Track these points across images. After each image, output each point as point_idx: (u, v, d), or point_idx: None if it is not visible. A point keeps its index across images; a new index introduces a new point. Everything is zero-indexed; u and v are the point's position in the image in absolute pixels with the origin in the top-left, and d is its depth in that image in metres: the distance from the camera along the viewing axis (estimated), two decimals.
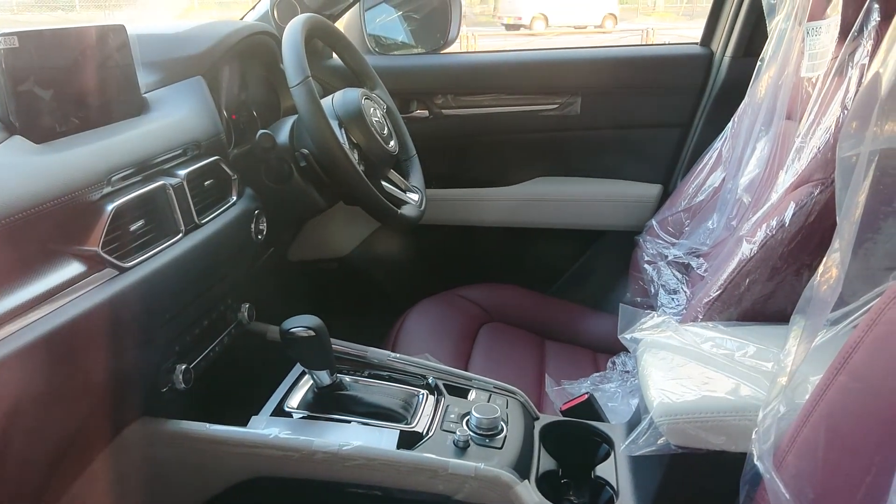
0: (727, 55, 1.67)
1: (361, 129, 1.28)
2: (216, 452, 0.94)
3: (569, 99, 1.74)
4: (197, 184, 1.04)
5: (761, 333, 0.97)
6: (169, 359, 0.96)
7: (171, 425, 0.95)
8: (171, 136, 1.01)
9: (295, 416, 1.01)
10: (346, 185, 1.21)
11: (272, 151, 1.22)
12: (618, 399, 1.22)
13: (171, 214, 0.95)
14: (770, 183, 1.19)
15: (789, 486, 0.68)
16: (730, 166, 1.41)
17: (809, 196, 1.00)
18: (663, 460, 0.88)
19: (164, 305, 0.93)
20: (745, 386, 0.85)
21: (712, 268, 1.27)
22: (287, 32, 1.21)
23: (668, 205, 1.59)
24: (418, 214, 1.39)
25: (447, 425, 1.01)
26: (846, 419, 0.63)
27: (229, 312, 1.14)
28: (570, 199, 1.81)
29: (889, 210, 0.70)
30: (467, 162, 1.83)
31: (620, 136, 1.78)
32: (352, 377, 1.10)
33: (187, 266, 0.96)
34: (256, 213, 1.17)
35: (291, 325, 0.97)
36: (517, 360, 1.46)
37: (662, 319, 1.02)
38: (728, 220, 1.34)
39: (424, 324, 1.53)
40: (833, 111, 1.01)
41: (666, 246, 1.51)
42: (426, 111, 1.78)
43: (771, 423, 0.72)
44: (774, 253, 1.02)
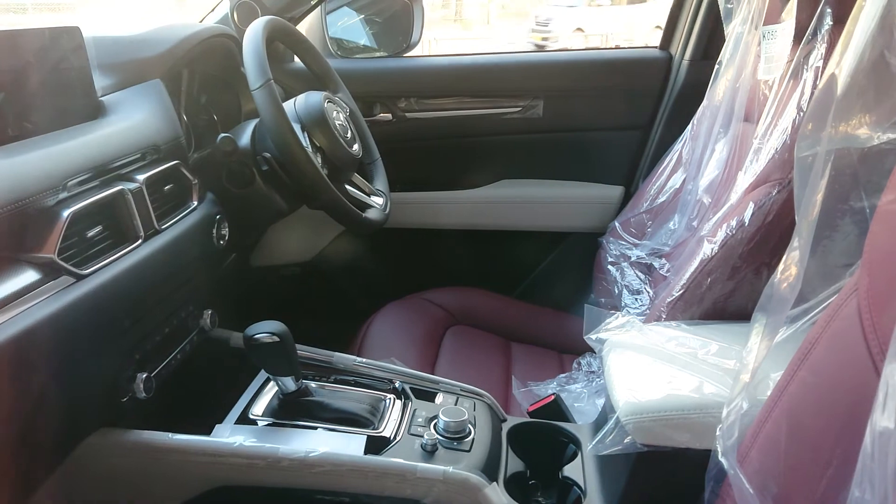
0: (686, 58, 1.70)
1: (324, 132, 1.27)
2: (179, 462, 0.92)
3: (531, 102, 1.75)
4: (156, 188, 1.01)
5: (723, 332, 0.99)
6: (129, 367, 0.93)
7: (131, 435, 0.92)
8: (128, 140, 0.99)
9: (260, 423, 0.99)
10: (309, 189, 1.19)
11: (233, 155, 1.20)
12: (584, 399, 1.23)
13: (129, 220, 0.93)
14: (729, 184, 1.21)
15: (753, 481, 0.69)
16: (690, 168, 1.43)
17: (768, 196, 1.02)
18: (630, 459, 0.88)
19: (124, 313, 0.90)
20: (709, 384, 0.87)
21: (674, 268, 1.29)
22: (248, 35, 1.19)
23: (631, 206, 1.61)
24: (382, 218, 1.38)
25: (415, 429, 1.00)
26: (806, 414, 0.65)
27: (191, 319, 1.12)
28: (534, 201, 1.82)
29: (846, 208, 0.72)
30: (431, 165, 1.83)
31: (583, 139, 1.79)
32: (317, 383, 1.09)
33: (147, 273, 0.94)
34: (218, 218, 1.15)
35: (255, 331, 0.95)
36: (484, 363, 1.46)
37: (627, 319, 1.03)
38: (689, 220, 1.36)
39: (390, 328, 1.52)
40: (789, 113, 1.03)
41: (629, 247, 1.53)
42: (389, 115, 1.77)
43: (734, 420, 0.73)
44: (734, 252, 1.03)
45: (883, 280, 0.56)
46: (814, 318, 0.75)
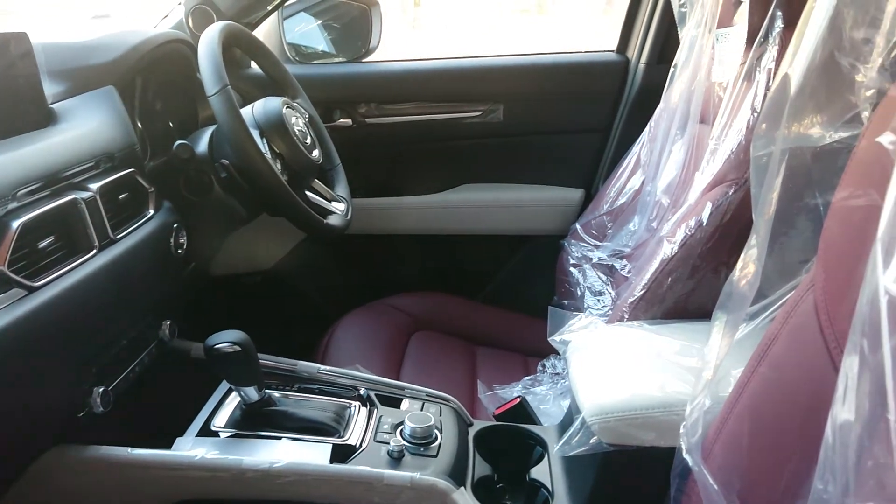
0: (642, 62, 1.72)
1: (283, 138, 1.25)
2: (139, 477, 0.90)
3: (491, 106, 1.76)
4: (111, 197, 0.99)
5: (685, 330, 1.00)
6: (85, 381, 0.91)
7: (89, 451, 0.90)
8: (81, 148, 0.96)
9: (222, 435, 0.97)
10: (269, 196, 1.18)
11: (191, 163, 1.18)
12: (549, 401, 1.24)
13: (83, 230, 0.91)
14: (687, 184, 1.23)
15: (717, 478, 0.69)
16: (648, 169, 1.45)
17: (725, 196, 1.04)
18: (596, 459, 0.89)
19: (79, 326, 0.88)
20: (672, 382, 0.88)
21: (635, 268, 1.30)
22: (203, 40, 1.18)
23: (591, 208, 1.62)
24: (344, 224, 1.37)
25: (381, 436, 0.99)
26: (768, 408, 0.66)
27: (149, 330, 1.09)
28: (496, 205, 1.83)
29: (801, 206, 0.73)
30: (393, 170, 1.82)
31: (543, 143, 1.81)
32: (281, 392, 1.08)
33: (102, 283, 0.91)
34: (175, 226, 1.13)
35: (216, 340, 0.93)
36: (449, 368, 1.45)
37: (590, 320, 1.04)
38: (649, 221, 1.37)
39: (354, 335, 1.51)
40: (744, 114, 1.05)
41: (590, 249, 1.54)
42: (349, 120, 1.76)
43: (698, 417, 0.74)
44: (694, 251, 1.05)
45: (838, 275, 0.57)
46: (772, 314, 0.76)
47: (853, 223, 0.56)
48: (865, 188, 0.53)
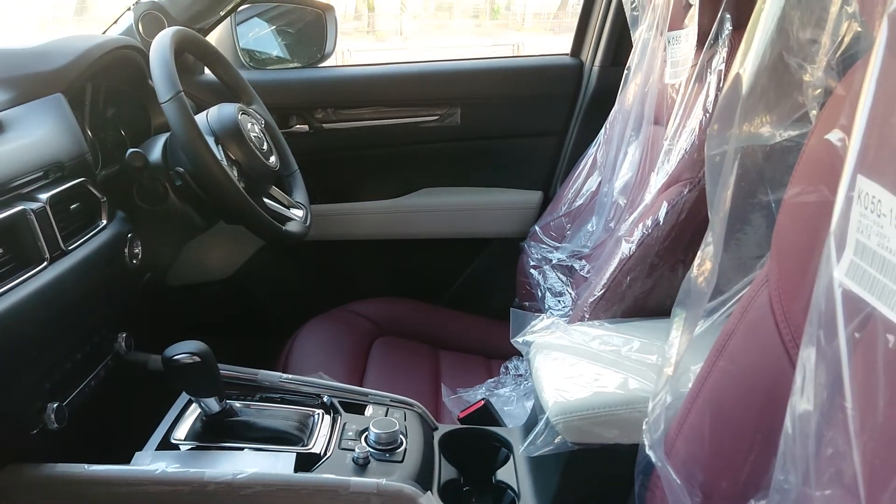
0: (596, 65, 1.74)
1: (239, 144, 1.23)
2: (97, 495, 0.87)
3: (449, 110, 1.76)
4: (62, 208, 0.96)
5: (644, 328, 1.02)
6: (38, 398, 0.88)
7: (44, 470, 0.87)
8: (29, 158, 0.94)
9: (183, 447, 0.95)
10: (226, 203, 1.16)
11: (144, 171, 1.16)
12: (513, 402, 1.24)
13: (33, 242, 0.88)
14: (643, 185, 1.25)
15: (680, 472, 0.70)
16: (605, 171, 1.47)
17: (680, 195, 1.06)
18: (561, 458, 0.90)
19: (30, 341, 0.85)
20: (633, 379, 0.89)
21: (595, 268, 1.32)
22: (155, 46, 1.15)
23: (550, 210, 1.64)
24: (304, 230, 1.36)
25: (345, 443, 0.98)
26: (727, 401, 0.67)
27: (105, 343, 1.06)
28: (455, 208, 1.83)
29: (754, 203, 0.75)
30: (351, 176, 1.81)
31: (500, 146, 1.82)
32: (242, 402, 1.06)
33: (54, 296, 0.89)
34: (130, 236, 1.10)
35: (174, 351, 0.91)
36: (412, 372, 1.45)
37: (552, 321, 1.05)
38: (606, 222, 1.39)
39: (316, 342, 1.49)
40: (696, 114, 1.08)
41: (550, 250, 1.55)
42: (306, 126, 1.74)
43: (660, 413, 0.75)
44: (651, 250, 1.07)
45: (792, 270, 0.59)
46: (729, 309, 0.77)
47: (805, 218, 0.57)
48: (816, 184, 0.54)
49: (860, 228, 0.47)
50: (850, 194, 0.49)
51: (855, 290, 0.46)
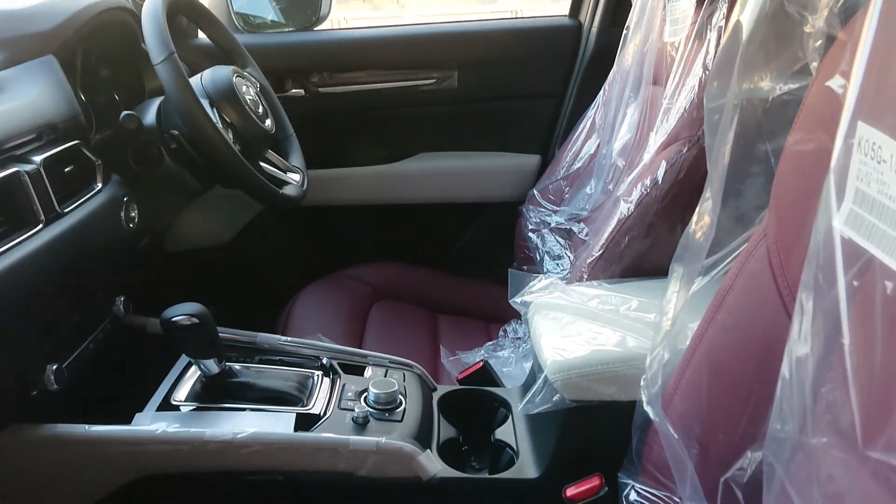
0: (594, 26, 1.72)
1: (234, 107, 1.22)
2: (98, 454, 0.88)
3: (446, 73, 1.74)
4: (56, 170, 0.95)
5: (642, 287, 1.02)
6: (37, 359, 0.88)
7: (45, 430, 0.87)
8: (21, 120, 0.93)
9: (183, 409, 0.96)
10: (222, 166, 1.15)
11: (139, 134, 1.15)
12: (512, 364, 1.25)
13: (28, 204, 0.87)
14: (642, 145, 1.24)
15: (677, 427, 0.71)
16: (603, 133, 1.46)
17: (679, 154, 1.05)
18: (559, 416, 0.90)
19: (26, 302, 0.85)
20: (631, 337, 0.89)
21: (593, 230, 1.32)
22: (147, 7, 1.14)
23: (548, 174, 1.63)
24: (300, 194, 1.35)
25: (345, 404, 0.99)
26: (725, 356, 0.67)
27: (103, 306, 1.06)
28: (453, 173, 1.82)
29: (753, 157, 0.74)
30: (348, 140, 1.80)
31: (498, 109, 1.80)
32: (241, 364, 1.06)
33: (50, 259, 0.88)
34: (126, 200, 1.10)
35: (173, 313, 0.92)
36: (411, 336, 1.45)
37: (550, 281, 1.05)
38: (605, 184, 1.38)
39: (314, 307, 1.50)
40: (696, 72, 1.06)
41: (548, 214, 1.55)
42: (302, 90, 1.73)
43: (657, 369, 0.76)
44: (650, 210, 1.06)
45: (790, 221, 0.59)
46: (727, 265, 0.77)
47: (804, 168, 0.57)
48: (816, 132, 0.54)
49: (860, 176, 0.47)
50: (849, 141, 0.48)
51: (854, 239, 0.46)
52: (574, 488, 0.87)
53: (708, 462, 0.66)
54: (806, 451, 0.46)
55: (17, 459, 0.88)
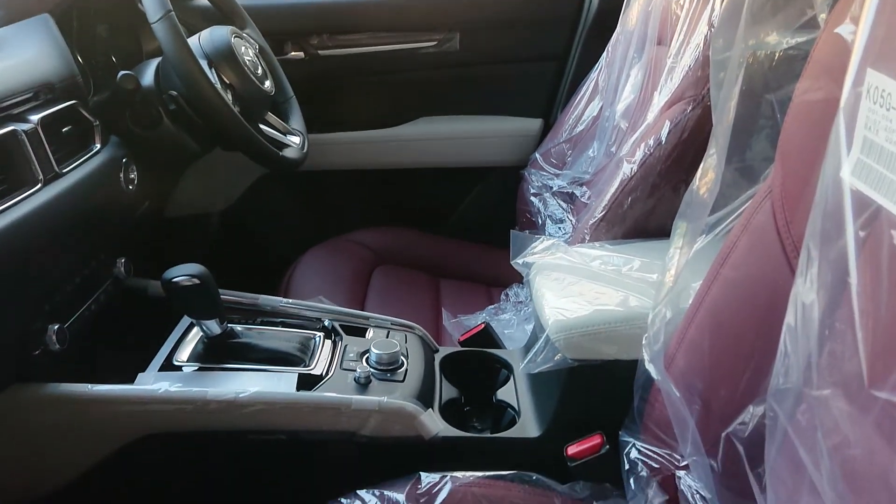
0: None
1: (233, 68, 1.21)
2: (101, 413, 0.89)
3: (447, 35, 1.72)
4: (54, 130, 0.95)
5: (645, 248, 1.01)
6: (38, 319, 0.88)
7: (48, 389, 0.88)
8: (17, 78, 0.92)
9: (185, 369, 0.96)
10: (221, 128, 1.14)
11: (136, 94, 1.13)
12: (513, 326, 1.25)
13: (26, 163, 0.87)
14: (645, 106, 1.22)
15: (679, 384, 0.71)
16: (606, 94, 1.44)
17: (683, 113, 1.04)
18: (560, 376, 0.90)
19: (26, 262, 0.85)
20: (634, 297, 0.89)
21: (595, 193, 1.31)
22: None
23: (550, 137, 1.61)
24: (301, 157, 1.34)
25: (347, 364, 0.99)
26: (728, 311, 0.67)
27: (103, 268, 1.06)
28: (454, 137, 1.81)
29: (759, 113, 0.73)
30: (348, 104, 1.78)
31: (500, 72, 1.78)
32: (243, 326, 1.06)
33: (49, 218, 0.88)
34: (124, 161, 1.09)
35: (173, 274, 0.91)
36: (413, 299, 1.45)
37: (552, 242, 1.04)
38: (608, 147, 1.37)
39: (316, 271, 1.50)
40: (701, 30, 1.05)
41: (550, 177, 1.54)
42: (301, 53, 1.70)
43: (659, 327, 0.75)
44: (653, 170, 1.05)
45: (796, 171, 0.58)
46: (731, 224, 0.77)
47: (812, 118, 0.56)
48: (825, 81, 0.53)
49: (868, 125, 0.46)
50: (857, 89, 0.47)
51: (861, 189, 0.45)
52: (575, 447, 0.87)
53: (709, 418, 0.66)
54: (809, 402, 0.46)
55: (20, 419, 0.88)
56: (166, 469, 0.96)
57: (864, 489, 0.42)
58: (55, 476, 0.92)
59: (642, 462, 0.78)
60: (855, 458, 0.43)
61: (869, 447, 0.42)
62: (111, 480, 0.92)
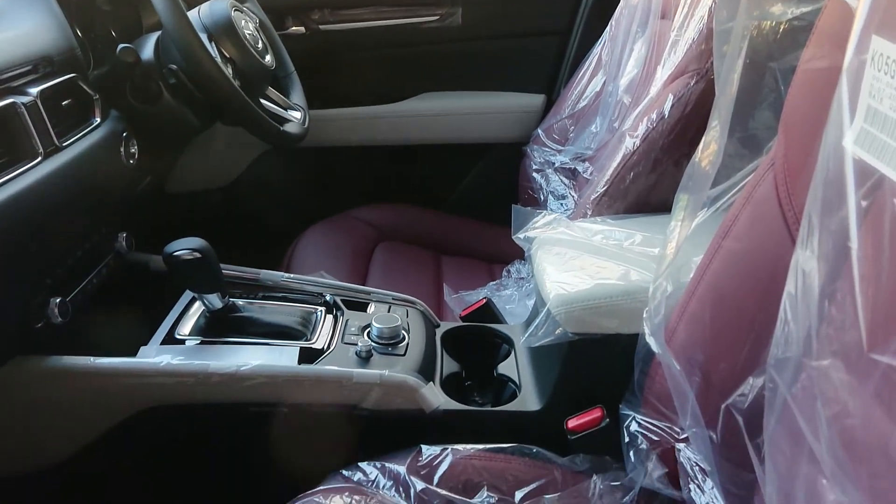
0: None
1: (234, 41, 1.20)
2: (104, 386, 0.89)
3: (449, 10, 1.70)
4: (53, 103, 0.94)
5: (647, 223, 1.01)
6: (40, 292, 0.88)
7: (50, 362, 0.88)
8: (16, 50, 0.91)
9: (188, 343, 0.97)
10: (221, 101, 1.14)
11: (136, 68, 1.13)
12: (515, 302, 1.25)
13: (25, 136, 0.86)
14: (648, 81, 1.21)
15: (679, 357, 0.71)
16: (610, 69, 1.43)
17: (686, 87, 1.03)
18: (561, 350, 0.90)
19: (28, 235, 0.85)
20: (635, 271, 0.89)
21: (597, 168, 1.30)
22: None
23: (553, 113, 1.60)
24: (302, 132, 1.33)
25: (348, 338, 1.00)
26: (729, 284, 0.67)
27: (105, 242, 1.06)
28: (456, 113, 1.79)
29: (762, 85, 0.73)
30: (350, 80, 1.77)
31: (502, 47, 1.76)
32: (245, 300, 1.07)
33: (50, 192, 0.88)
34: (125, 135, 1.08)
35: (174, 248, 0.91)
36: (414, 275, 1.45)
37: (554, 217, 1.04)
38: (610, 122, 1.36)
39: (318, 247, 1.49)
40: (705, 2, 1.04)
41: (552, 153, 1.53)
42: (302, 27, 1.69)
43: (660, 301, 0.75)
44: (656, 145, 1.05)
45: (799, 141, 0.57)
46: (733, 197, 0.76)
47: (816, 88, 0.55)
48: (829, 49, 0.52)
49: (872, 93, 0.46)
50: (861, 57, 0.47)
51: (864, 158, 0.45)
52: (575, 420, 0.88)
53: (709, 390, 0.66)
54: (809, 372, 0.46)
55: (22, 391, 0.89)
56: (168, 441, 0.97)
57: (864, 458, 0.42)
58: (57, 448, 0.93)
59: (642, 435, 0.78)
60: (854, 427, 0.43)
61: (868, 416, 0.42)
62: (113, 453, 0.93)
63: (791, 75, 0.62)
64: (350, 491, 0.81)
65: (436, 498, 0.81)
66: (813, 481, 0.45)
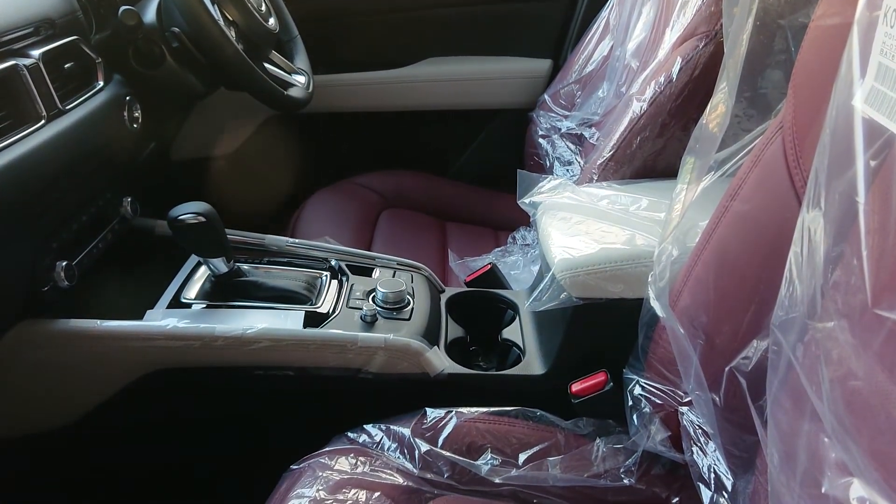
0: None
1: (237, 4, 1.18)
2: (111, 349, 0.90)
3: None
4: (56, 66, 0.94)
5: (653, 188, 1.00)
6: (46, 256, 0.89)
7: (57, 325, 0.89)
8: (17, 12, 0.90)
9: (194, 306, 0.97)
10: (224, 65, 1.13)
11: (138, 31, 1.12)
12: (520, 267, 1.25)
13: (28, 99, 0.86)
14: (657, 45, 1.19)
15: (684, 321, 0.71)
16: (617, 33, 1.41)
17: (695, 50, 1.01)
18: (566, 314, 0.90)
19: (33, 198, 0.85)
20: (641, 236, 0.88)
21: (604, 134, 1.29)
22: None
23: (559, 78, 1.58)
24: (306, 96, 1.32)
25: (353, 303, 1.00)
26: (735, 247, 0.66)
27: (110, 207, 1.06)
28: (462, 78, 1.77)
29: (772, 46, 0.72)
30: (354, 44, 1.75)
31: (509, 11, 1.74)
32: (250, 265, 1.07)
33: (54, 155, 0.88)
34: (128, 99, 1.08)
35: (179, 212, 0.91)
36: (419, 242, 1.45)
37: (559, 181, 1.03)
38: (618, 87, 1.34)
39: (322, 213, 1.49)
40: None
41: (559, 119, 1.52)
42: None
43: (665, 265, 0.75)
44: (663, 109, 1.04)
45: (808, 105, 0.57)
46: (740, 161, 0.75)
47: (827, 46, 0.54)
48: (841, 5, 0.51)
49: (883, 50, 0.45)
50: (874, 13, 0.46)
51: (874, 117, 0.44)
52: (579, 384, 0.88)
53: (713, 353, 0.66)
54: (813, 333, 0.46)
55: (29, 354, 0.89)
56: (174, 404, 0.97)
57: (865, 416, 0.42)
58: (65, 411, 0.94)
59: (645, 399, 0.78)
60: (857, 386, 0.43)
61: (871, 376, 0.42)
62: (120, 415, 0.94)
63: (802, 34, 0.61)
64: (355, 452, 0.82)
65: (440, 459, 0.81)
66: (815, 440, 0.45)
